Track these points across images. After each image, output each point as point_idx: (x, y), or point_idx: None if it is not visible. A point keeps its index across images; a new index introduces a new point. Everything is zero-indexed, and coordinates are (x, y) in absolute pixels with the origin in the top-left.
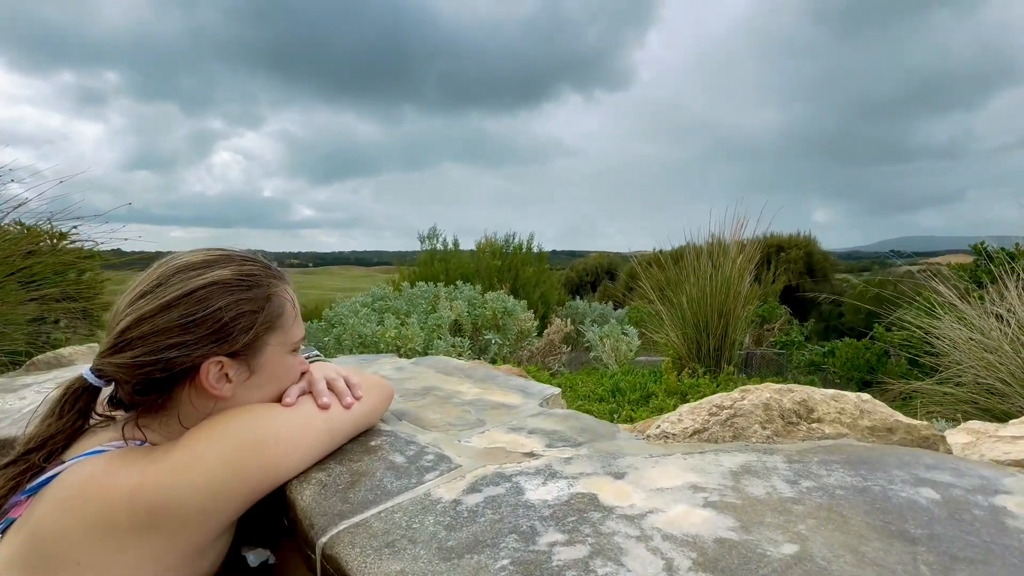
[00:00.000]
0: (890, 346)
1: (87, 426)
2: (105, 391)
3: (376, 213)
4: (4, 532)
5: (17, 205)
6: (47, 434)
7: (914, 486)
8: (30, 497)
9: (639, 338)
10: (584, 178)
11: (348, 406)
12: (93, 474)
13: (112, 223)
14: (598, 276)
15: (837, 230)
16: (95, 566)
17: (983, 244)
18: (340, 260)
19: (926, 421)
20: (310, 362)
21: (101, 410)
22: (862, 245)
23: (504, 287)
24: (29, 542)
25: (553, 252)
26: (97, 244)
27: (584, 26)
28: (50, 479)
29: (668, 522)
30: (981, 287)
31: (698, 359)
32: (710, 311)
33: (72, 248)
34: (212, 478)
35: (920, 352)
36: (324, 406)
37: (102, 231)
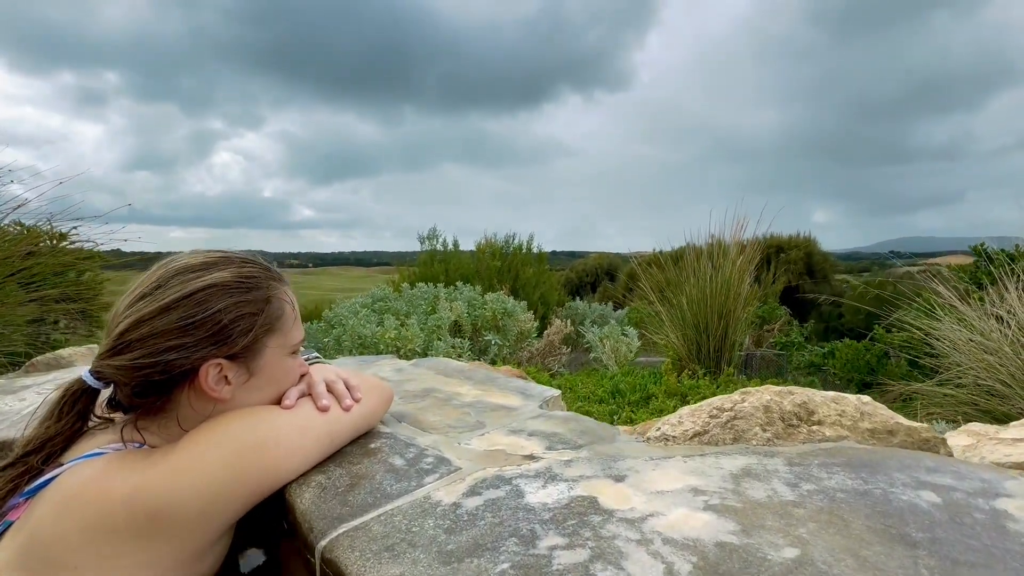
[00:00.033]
0: (890, 347)
1: (86, 428)
2: (104, 393)
3: (376, 214)
4: (2, 535)
5: (17, 206)
6: (46, 436)
7: (915, 489)
8: (28, 499)
9: (639, 339)
10: (584, 179)
11: (347, 408)
12: (92, 477)
13: (112, 224)
14: (598, 277)
15: (837, 231)
16: (93, 569)
17: (983, 245)
18: (340, 261)
19: (926, 423)
20: (309, 364)
21: (100, 412)
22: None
23: (504, 288)
24: (27, 545)
25: (553, 253)
26: (97, 245)
27: (584, 27)
28: (48, 481)
29: (669, 525)
30: (981, 288)
31: (698, 360)
32: (710, 312)
33: (72, 249)
34: (211, 481)
35: (920, 353)
36: (324, 408)
37: (102, 232)
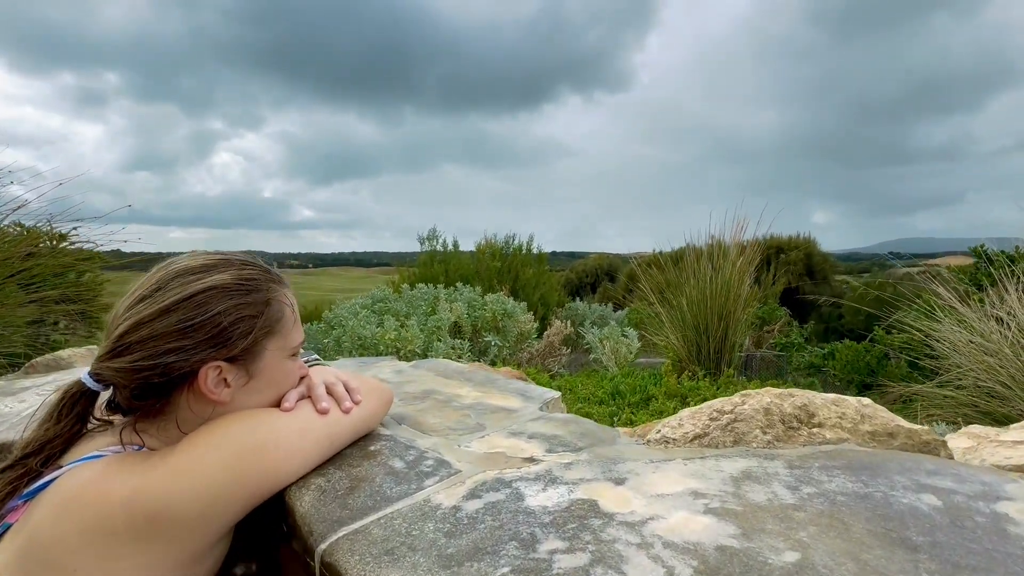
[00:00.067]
0: (890, 349)
1: (85, 430)
2: (103, 395)
3: (376, 214)
4: (1, 537)
5: (17, 207)
6: (45, 438)
7: (916, 492)
8: (27, 502)
9: (639, 340)
10: (584, 179)
11: (347, 411)
12: (90, 479)
13: (112, 224)
14: (598, 277)
15: (836, 231)
16: (92, 572)
17: (983, 247)
18: (340, 261)
19: (927, 424)
20: (309, 366)
21: (99, 414)
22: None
23: (504, 288)
24: (26, 547)
25: (553, 253)
26: (97, 246)
27: (584, 28)
28: (47, 484)
29: (669, 529)
30: (981, 290)
31: (698, 361)
32: (710, 313)
33: (72, 250)
34: (211, 484)
35: (920, 355)
36: (323, 411)
37: (101, 233)
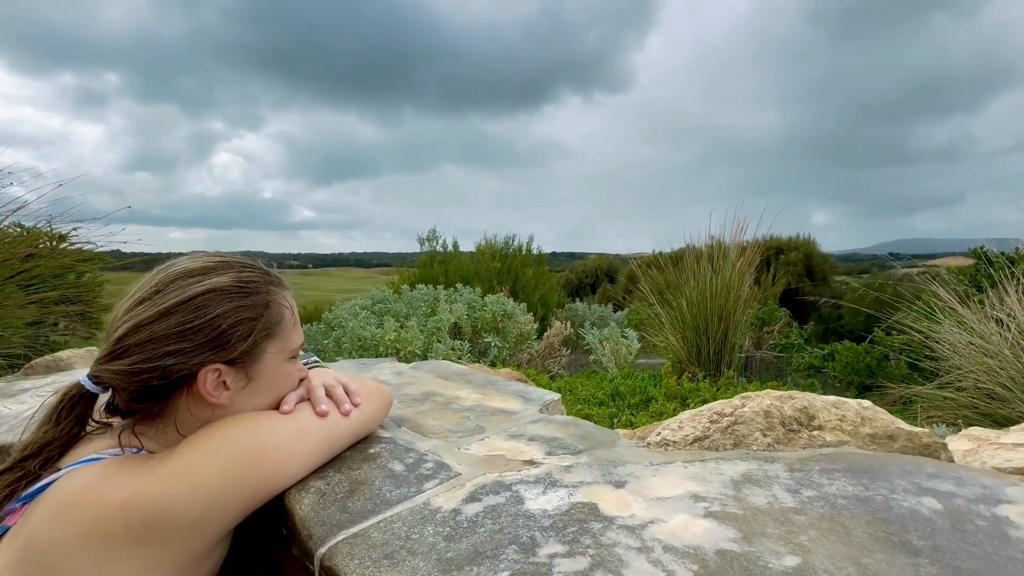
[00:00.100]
0: (890, 350)
1: (83, 433)
2: (102, 398)
3: (376, 215)
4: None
5: (16, 208)
6: (43, 441)
7: (916, 496)
8: (25, 504)
9: (639, 341)
10: (584, 180)
11: (346, 413)
12: (89, 482)
13: (111, 225)
14: (598, 278)
15: (836, 232)
16: (91, 575)
17: (983, 248)
18: (340, 262)
19: (927, 426)
20: (308, 368)
21: (98, 417)
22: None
23: (504, 289)
24: (24, 550)
25: (553, 254)
26: (96, 246)
27: (584, 28)
28: (46, 486)
29: (669, 533)
30: (981, 291)
31: (698, 363)
32: (710, 315)
33: (71, 250)
34: (209, 487)
35: (920, 356)
36: (322, 413)
37: (101, 234)
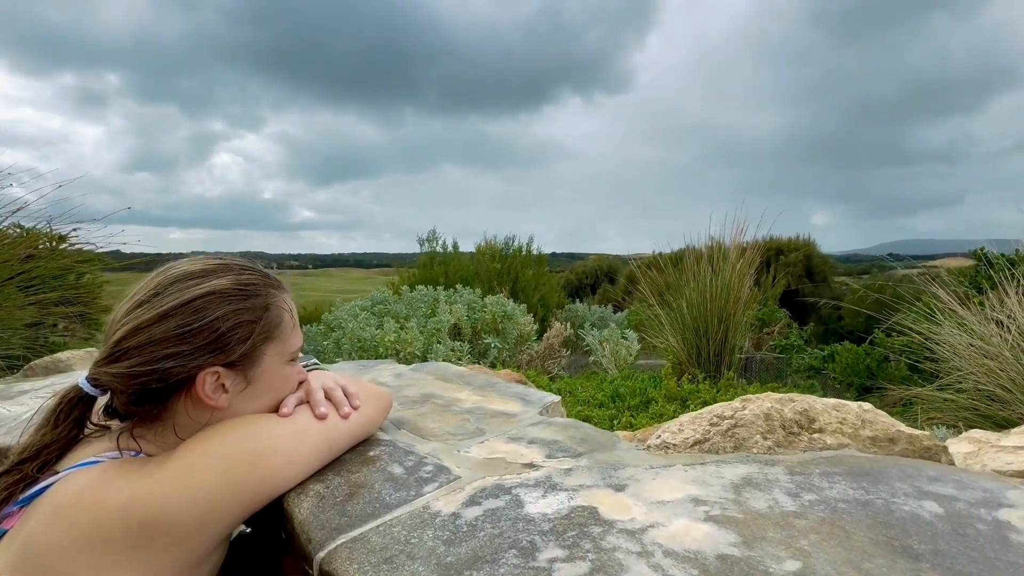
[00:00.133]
0: (890, 351)
1: (82, 436)
2: (101, 400)
3: (376, 215)
4: None
5: (16, 209)
6: (41, 444)
7: (917, 499)
8: (23, 508)
9: (639, 342)
10: (584, 180)
11: (346, 416)
12: (87, 486)
13: (111, 225)
14: (598, 279)
15: (836, 233)
16: None
17: (983, 250)
18: (340, 262)
19: (927, 428)
20: (308, 371)
21: (96, 420)
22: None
23: (504, 290)
24: (22, 554)
25: (553, 254)
26: (96, 247)
27: (584, 29)
28: (44, 490)
29: (669, 537)
30: (981, 293)
31: (698, 364)
32: (710, 316)
33: (71, 251)
34: (208, 490)
35: (920, 358)
36: (322, 416)
37: (101, 235)
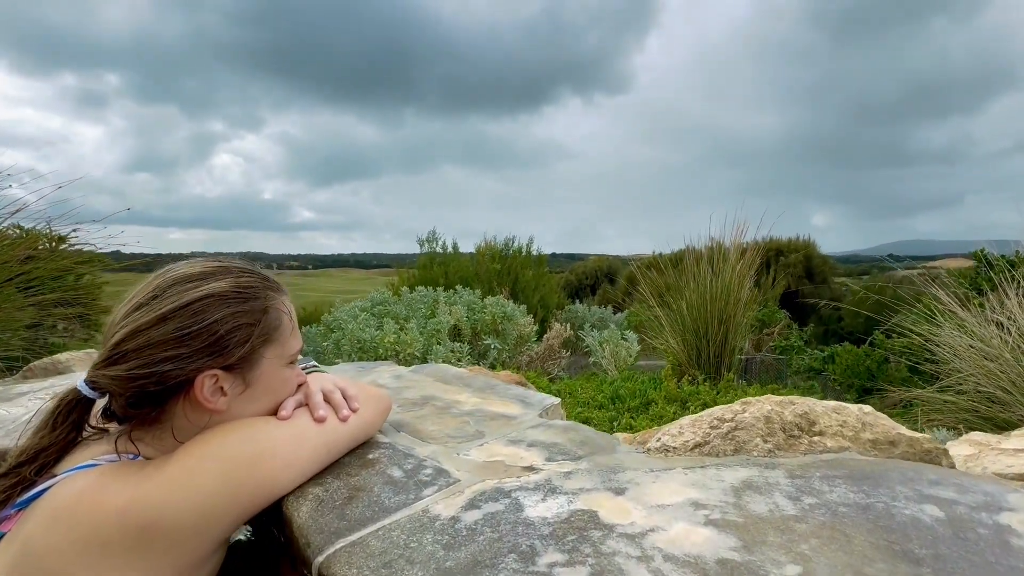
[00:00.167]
0: (890, 353)
1: (80, 439)
2: (99, 403)
3: (376, 216)
4: None
5: (15, 211)
6: (39, 447)
7: (918, 503)
8: (20, 511)
9: (639, 343)
10: (584, 181)
11: (345, 419)
12: (84, 489)
13: (111, 226)
14: (597, 279)
15: (836, 233)
16: None
17: (983, 251)
18: (339, 262)
19: (927, 430)
20: (307, 373)
21: (95, 422)
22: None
23: (504, 291)
24: (19, 557)
25: (553, 255)
26: (96, 248)
27: (584, 30)
28: (41, 493)
29: (669, 541)
30: (981, 294)
31: (698, 365)
32: (710, 318)
33: (71, 252)
34: (206, 494)
35: (920, 359)
36: (320, 419)
37: (101, 236)
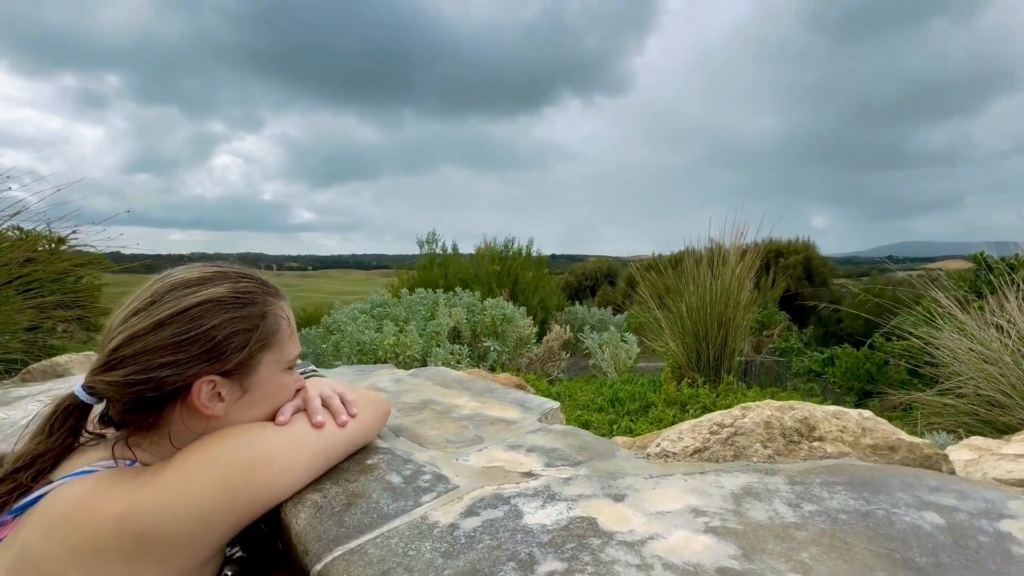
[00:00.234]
0: (890, 355)
1: (77, 444)
2: (96, 409)
3: (376, 217)
4: None
5: (15, 212)
6: (36, 452)
7: (918, 510)
8: (16, 517)
9: (638, 345)
10: (584, 182)
11: (343, 424)
12: (81, 496)
13: (111, 227)
14: (597, 281)
15: (836, 235)
16: None
17: (983, 254)
18: (339, 263)
19: (927, 433)
20: (306, 378)
21: (92, 428)
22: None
23: (503, 292)
24: (16, 563)
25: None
26: (96, 249)
27: (584, 31)
28: (38, 499)
29: (669, 549)
30: (981, 297)
31: (697, 368)
32: (710, 320)
33: (70, 253)
34: (203, 501)
35: (920, 362)
36: (319, 424)
37: (100, 237)
